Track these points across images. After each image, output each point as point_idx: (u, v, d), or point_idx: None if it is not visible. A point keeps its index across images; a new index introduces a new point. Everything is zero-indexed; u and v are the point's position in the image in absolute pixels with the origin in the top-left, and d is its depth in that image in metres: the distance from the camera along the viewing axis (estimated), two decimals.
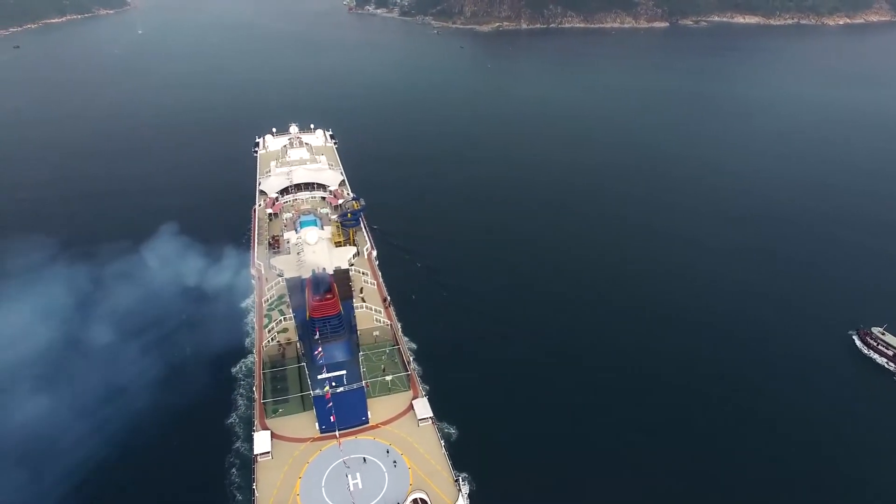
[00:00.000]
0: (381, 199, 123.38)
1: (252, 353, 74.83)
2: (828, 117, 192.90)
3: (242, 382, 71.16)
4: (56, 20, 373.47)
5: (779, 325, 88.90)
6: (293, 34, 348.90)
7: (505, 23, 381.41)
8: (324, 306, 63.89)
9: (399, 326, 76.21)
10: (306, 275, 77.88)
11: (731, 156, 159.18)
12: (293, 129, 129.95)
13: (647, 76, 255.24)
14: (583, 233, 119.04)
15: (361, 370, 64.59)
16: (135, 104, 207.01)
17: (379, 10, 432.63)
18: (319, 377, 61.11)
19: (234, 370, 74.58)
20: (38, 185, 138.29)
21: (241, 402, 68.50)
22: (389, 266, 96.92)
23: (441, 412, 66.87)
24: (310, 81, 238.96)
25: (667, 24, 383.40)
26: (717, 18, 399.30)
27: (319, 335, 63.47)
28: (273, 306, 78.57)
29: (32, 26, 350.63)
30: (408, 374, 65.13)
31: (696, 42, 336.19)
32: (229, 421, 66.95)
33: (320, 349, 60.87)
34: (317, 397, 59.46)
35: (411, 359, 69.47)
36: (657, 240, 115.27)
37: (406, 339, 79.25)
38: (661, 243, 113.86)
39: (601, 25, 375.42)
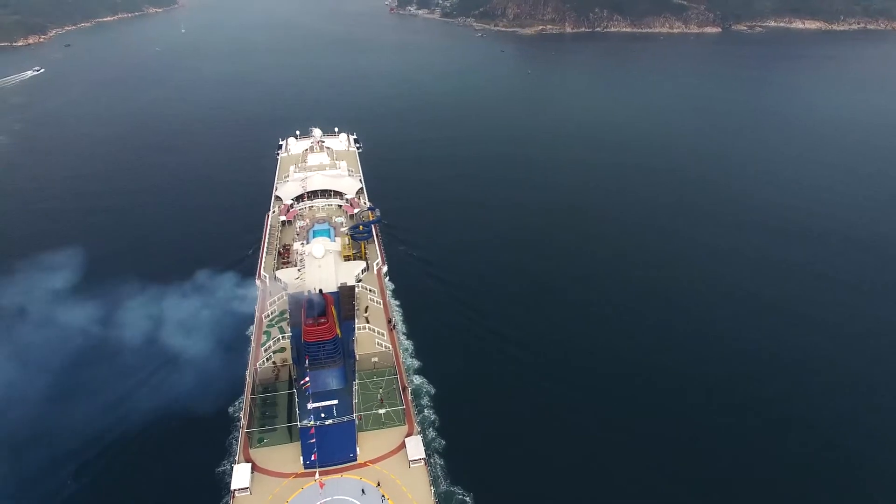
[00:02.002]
0: (404, 208, 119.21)
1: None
2: None
3: (239, 424, 66.55)
4: (108, 18, 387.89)
5: (848, 363, 79.52)
6: (333, 34, 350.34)
7: (548, 26, 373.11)
8: (317, 330, 59.63)
9: (402, 352, 71.49)
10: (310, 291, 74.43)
11: (793, 171, 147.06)
12: (316, 132, 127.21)
13: (698, 85, 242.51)
14: (630, 252, 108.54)
15: (354, 401, 60.05)
16: (165, 104, 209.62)
17: (420, 11, 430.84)
18: (309, 406, 56.99)
19: (231, 409, 66.93)
20: (59, 186, 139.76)
21: (235, 446, 62.78)
22: (407, 281, 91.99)
23: (448, 466, 61.25)
24: (343, 83, 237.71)
25: (719, 29, 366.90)
26: (773, 24, 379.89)
27: (310, 362, 59.18)
28: (274, 322, 75.01)
29: (86, 24, 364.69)
30: (404, 408, 60.18)
31: (751, 49, 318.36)
32: (220, 469, 59.78)
33: (307, 379, 56.49)
34: (304, 428, 55.36)
35: (410, 390, 64.22)
36: (711, 259, 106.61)
37: (419, 375, 73.54)
38: (716, 263, 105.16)
39: (649, 30, 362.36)
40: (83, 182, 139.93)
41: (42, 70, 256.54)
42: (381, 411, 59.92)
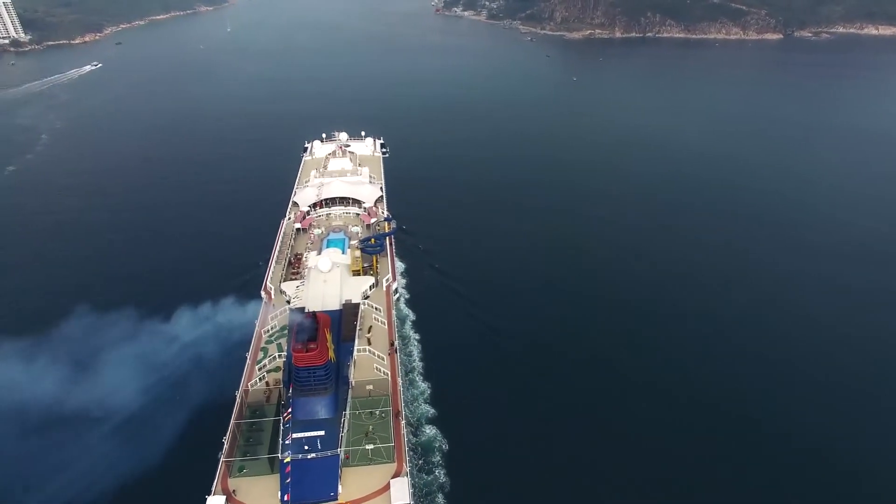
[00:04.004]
0: (434, 220, 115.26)
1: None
2: None
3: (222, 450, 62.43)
4: (161, 17, 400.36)
5: None
6: (378, 35, 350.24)
7: (597, 30, 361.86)
8: (306, 357, 55.71)
9: (400, 381, 66.69)
10: (313, 306, 70.77)
11: (869, 191, 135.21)
12: (342, 135, 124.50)
13: (757, 96, 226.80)
14: (681, 285, 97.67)
15: (341, 433, 55.85)
16: (200, 102, 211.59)
17: (466, 13, 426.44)
18: (294, 436, 53.27)
19: (216, 434, 59.15)
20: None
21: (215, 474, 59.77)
22: (431, 308, 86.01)
23: None
24: (380, 85, 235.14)
25: (780, 35, 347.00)
26: (842, 30, 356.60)
27: (296, 389, 55.43)
28: (273, 338, 71.64)
29: (140, 22, 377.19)
30: (394, 445, 55.42)
31: (817, 57, 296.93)
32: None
33: (289, 411, 52.65)
34: (283, 462, 51.58)
35: (403, 424, 59.35)
36: (766, 277, 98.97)
37: (431, 425, 67.41)
38: (773, 284, 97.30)
39: (703, 36, 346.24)
40: (105, 182, 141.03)
41: (100, 65, 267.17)
42: (369, 447, 55.36)
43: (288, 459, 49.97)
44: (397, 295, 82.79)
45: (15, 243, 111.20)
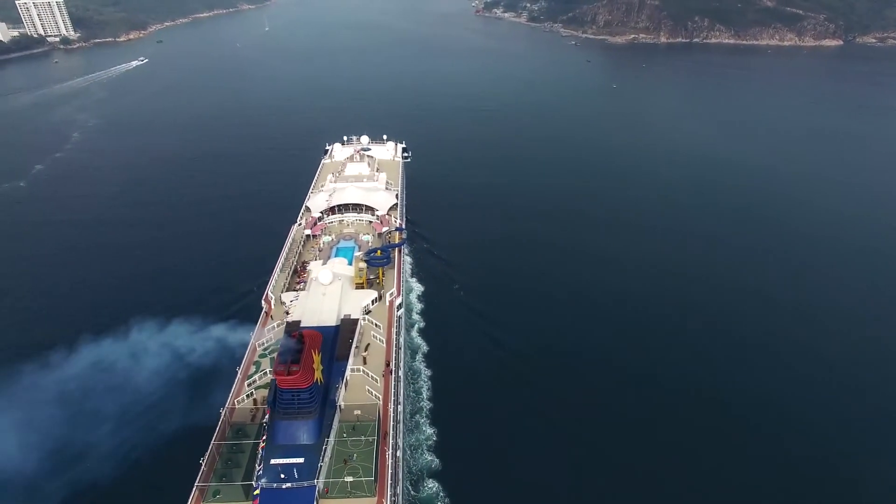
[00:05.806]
0: (451, 229, 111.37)
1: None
2: None
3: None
4: (204, 15, 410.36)
5: None
6: (415, 36, 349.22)
7: (641, 35, 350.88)
8: (288, 380, 52.34)
9: (392, 406, 62.65)
10: (310, 321, 67.69)
11: None
12: (363, 139, 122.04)
13: (812, 114, 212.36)
14: (723, 317, 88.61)
15: (321, 462, 52.20)
16: (232, 102, 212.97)
17: (506, 14, 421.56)
18: (272, 462, 49.94)
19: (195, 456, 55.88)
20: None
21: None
22: (450, 336, 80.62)
23: None
24: (413, 86, 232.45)
25: (839, 42, 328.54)
26: None
27: (276, 412, 52.15)
28: (267, 352, 68.45)
29: (184, 20, 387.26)
30: (374, 479, 51.42)
31: (881, 66, 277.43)
32: None
33: (264, 437, 49.34)
34: (255, 493, 48.29)
35: (389, 454, 55.32)
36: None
37: (433, 479, 61.64)
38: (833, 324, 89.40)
39: (755, 42, 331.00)
40: (125, 182, 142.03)
41: (146, 60, 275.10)
42: (349, 479, 51.47)
43: (257, 492, 46.49)
44: (400, 311, 78.77)
45: (20, 244, 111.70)
